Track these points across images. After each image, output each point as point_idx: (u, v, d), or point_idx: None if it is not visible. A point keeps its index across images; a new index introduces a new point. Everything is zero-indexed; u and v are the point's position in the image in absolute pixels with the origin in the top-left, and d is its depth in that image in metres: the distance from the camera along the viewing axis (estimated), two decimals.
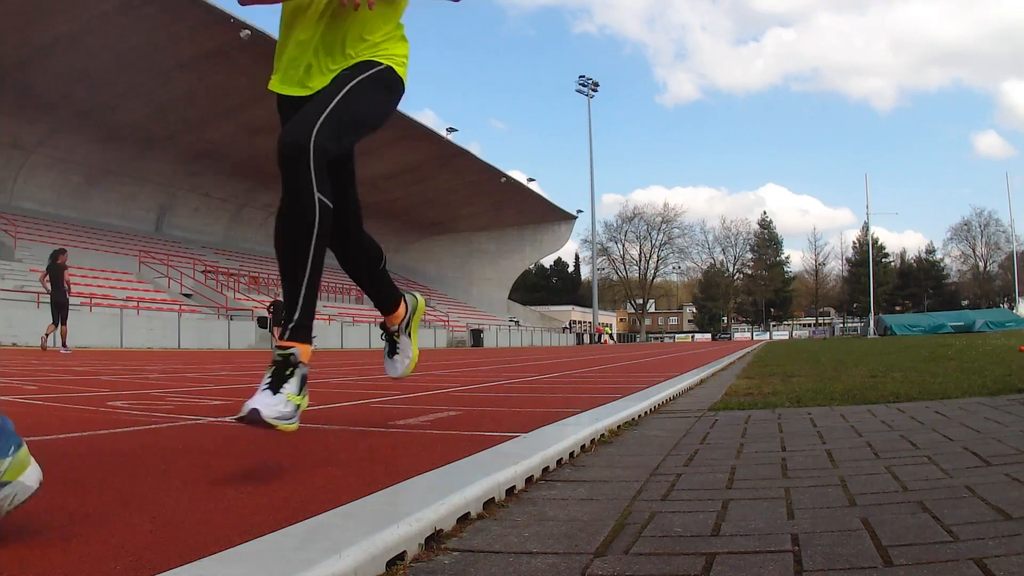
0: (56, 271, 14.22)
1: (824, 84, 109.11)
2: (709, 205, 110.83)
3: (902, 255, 75.26)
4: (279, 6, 2.12)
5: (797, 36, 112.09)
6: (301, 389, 1.82)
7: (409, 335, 2.70)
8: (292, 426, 1.74)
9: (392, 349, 2.69)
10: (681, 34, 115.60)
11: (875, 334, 43.19)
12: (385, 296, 2.59)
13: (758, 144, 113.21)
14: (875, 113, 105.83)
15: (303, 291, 1.87)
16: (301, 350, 1.85)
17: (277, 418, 1.70)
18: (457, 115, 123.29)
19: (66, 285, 14.41)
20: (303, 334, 1.87)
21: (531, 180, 47.41)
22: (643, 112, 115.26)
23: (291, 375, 1.82)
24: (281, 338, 1.90)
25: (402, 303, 2.65)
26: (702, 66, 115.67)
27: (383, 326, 2.69)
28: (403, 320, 2.67)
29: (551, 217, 52.27)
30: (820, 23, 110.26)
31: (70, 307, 20.48)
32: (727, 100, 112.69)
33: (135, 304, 22.74)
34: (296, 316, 1.87)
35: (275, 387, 1.78)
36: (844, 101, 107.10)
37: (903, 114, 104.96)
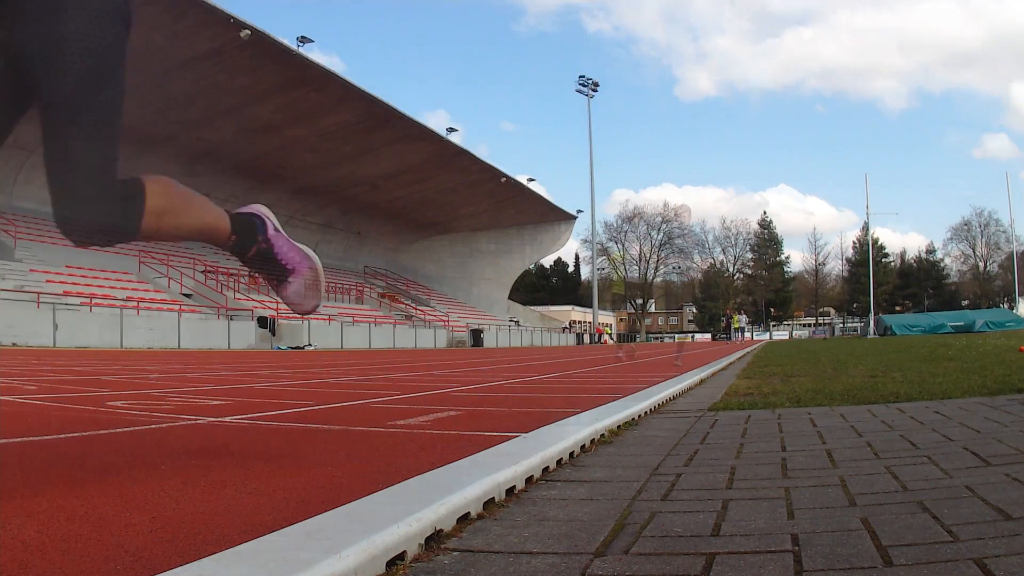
0: None
1: (834, 85, 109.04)
2: (715, 206, 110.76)
3: (902, 255, 75.25)
4: None
5: (812, 36, 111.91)
6: None
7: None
8: None
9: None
10: (697, 33, 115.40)
11: (875, 334, 43.15)
12: None
13: (767, 145, 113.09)
14: (883, 114, 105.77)
15: None
16: None
17: None
18: (468, 116, 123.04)
19: None
20: None
21: (531, 180, 47.40)
22: (656, 109, 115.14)
23: None
24: None
25: None
26: (718, 65, 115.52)
27: None
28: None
29: (551, 217, 52.27)
30: (835, 23, 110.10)
31: (69, 307, 20.52)
32: (741, 99, 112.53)
33: (135, 304, 22.74)
34: None
35: None
36: (853, 102, 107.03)
37: (910, 115, 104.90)
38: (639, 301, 71.00)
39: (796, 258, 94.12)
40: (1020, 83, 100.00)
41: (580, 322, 61.81)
